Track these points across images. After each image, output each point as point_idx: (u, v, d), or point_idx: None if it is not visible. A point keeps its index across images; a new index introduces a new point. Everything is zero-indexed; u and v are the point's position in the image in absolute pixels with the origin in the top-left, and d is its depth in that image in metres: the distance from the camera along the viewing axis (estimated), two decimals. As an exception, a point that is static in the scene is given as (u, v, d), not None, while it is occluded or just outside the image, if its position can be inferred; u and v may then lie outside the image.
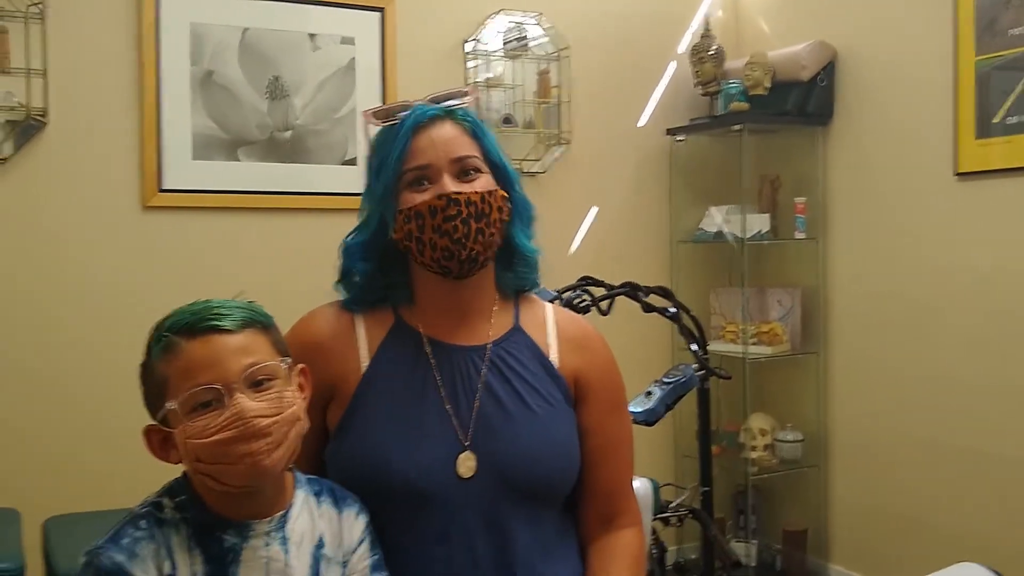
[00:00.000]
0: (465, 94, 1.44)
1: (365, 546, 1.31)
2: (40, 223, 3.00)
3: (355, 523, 1.31)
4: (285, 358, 1.23)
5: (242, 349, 1.18)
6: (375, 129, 1.43)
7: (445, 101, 1.43)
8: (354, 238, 1.46)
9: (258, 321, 1.23)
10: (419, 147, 1.37)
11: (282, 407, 1.19)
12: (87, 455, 3.03)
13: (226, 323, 1.19)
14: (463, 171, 1.38)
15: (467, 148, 1.39)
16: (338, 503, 1.31)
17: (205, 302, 1.22)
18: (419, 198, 1.36)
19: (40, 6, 2.96)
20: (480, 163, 1.40)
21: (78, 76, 3.04)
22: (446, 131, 1.39)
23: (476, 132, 1.41)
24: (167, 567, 1.16)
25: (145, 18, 3.10)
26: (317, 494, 1.30)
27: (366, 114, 1.43)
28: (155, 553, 1.17)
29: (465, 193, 1.36)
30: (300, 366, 1.26)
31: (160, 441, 1.21)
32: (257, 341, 1.21)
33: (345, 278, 1.47)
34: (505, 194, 1.41)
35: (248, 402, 1.16)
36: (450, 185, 1.36)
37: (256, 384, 1.18)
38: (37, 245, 3.00)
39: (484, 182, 1.39)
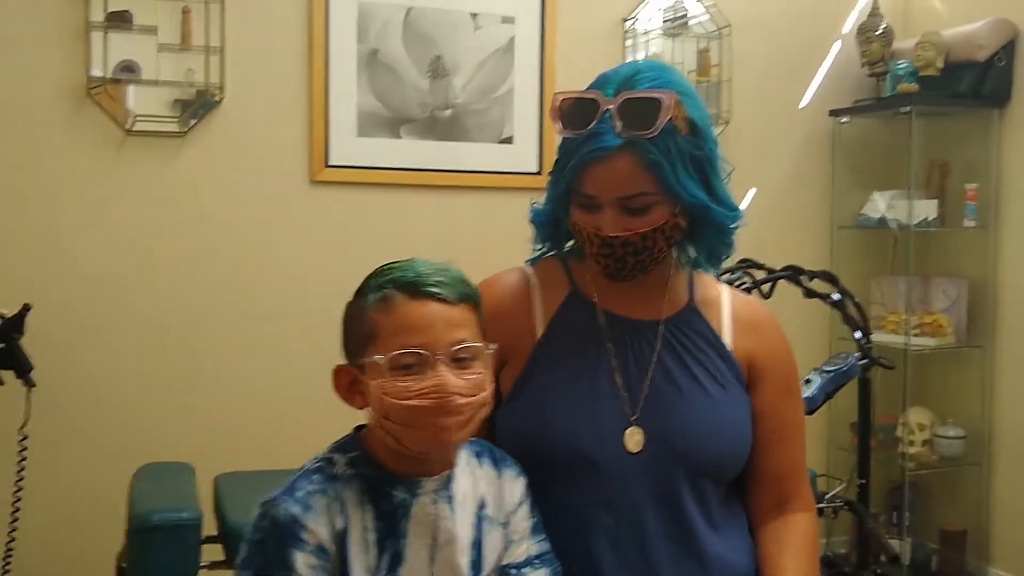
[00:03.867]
0: (659, 102, 1.27)
1: (525, 508, 1.32)
2: (214, 194, 3.14)
3: (515, 484, 1.32)
4: (491, 345, 1.23)
5: (455, 323, 1.19)
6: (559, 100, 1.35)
7: (634, 104, 1.29)
8: (541, 205, 1.47)
9: (472, 298, 1.24)
10: (589, 177, 1.31)
11: (478, 390, 1.20)
12: (252, 419, 3.18)
13: (447, 292, 1.19)
14: (630, 208, 1.32)
15: (638, 185, 1.30)
16: (497, 464, 1.32)
17: (426, 263, 1.22)
18: (583, 220, 1.35)
19: (220, -14, 3.09)
20: (652, 198, 1.30)
21: (252, 53, 3.15)
22: (619, 167, 1.29)
23: (654, 164, 1.29)
24: (339, 522, 1.18)
25: (316, -3, 3.20)
26: (478, 455, 1.31)
27: (553, 112, 1.34)
28: (328, 507, 1.18)
29: (621, 237, 1.32)
30: (492, 350, 1.24)
31: (349, 383, 1.23)
32: (469, 318, 1.22)
33: (536, 224, 1.49)
34: (678, 220, 1.34)
35: (452, 377, 1.16)
36: (608, 226, 1.32)
37: (458, 360, 1.18)
38: (211, 215, 3.14)
39: (653, 218, 1.32)
